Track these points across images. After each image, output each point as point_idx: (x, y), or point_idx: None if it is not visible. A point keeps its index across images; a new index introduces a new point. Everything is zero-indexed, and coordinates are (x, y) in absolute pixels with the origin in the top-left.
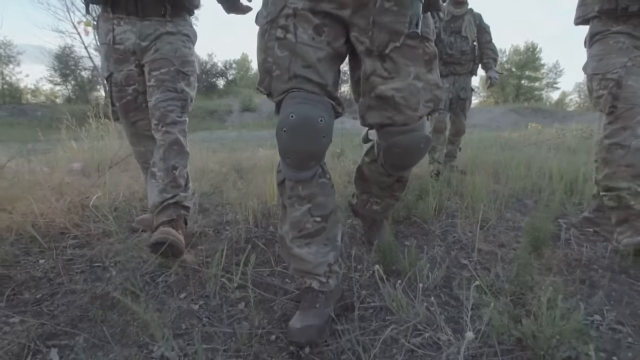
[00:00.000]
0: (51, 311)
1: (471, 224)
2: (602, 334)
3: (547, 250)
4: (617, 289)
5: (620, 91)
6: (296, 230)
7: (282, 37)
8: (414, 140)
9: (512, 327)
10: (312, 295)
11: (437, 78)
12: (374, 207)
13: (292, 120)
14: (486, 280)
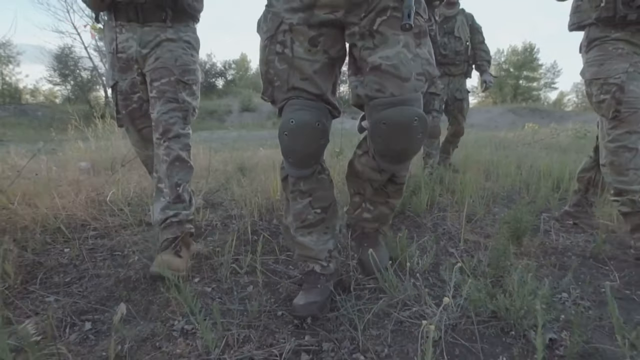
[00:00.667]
0: (81, 292)
1: (460, 218)
2: (566, 307)
3: (526, 239)
4: (585, 271)
5: (623, 95)
6: (299, 221)
7: (281, 51)
8: (405, 115)
9: (488, 301)
10: (314, 277)
11: (427, 54)
12: (364, 215)
13: (292, 125)
14: (469, 264)
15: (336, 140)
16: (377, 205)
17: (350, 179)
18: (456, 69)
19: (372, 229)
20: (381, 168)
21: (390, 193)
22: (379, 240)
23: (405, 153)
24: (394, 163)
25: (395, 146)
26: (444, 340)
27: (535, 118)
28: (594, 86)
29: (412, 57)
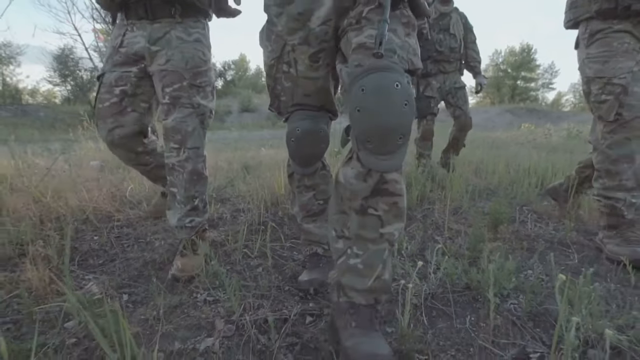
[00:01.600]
0: (114, 271)
1: (454, 214)
2: (528, 280)
3: (503, 227)
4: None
5: (627, 98)
6: (305, 211)
7: (287, 70)
8: (384, 78)
9: (463, 276)
10: (317, 258)
11: (415, 46)
12: (350, 262)
13: (297, 132)
14: (450, 248)
15: (335, 141)
16: (366, 245)
17: (331, 214)
18: (450, 66)
19: (365, 301)
20: (367, 167)
21: (384, 216)
22: (374, 324)
23: (390, 131)
24: (379, 152)
25: (378, 119)
26: (424, 305)
27: (533, 118)
28: (595, 85)
29: (399, 43)
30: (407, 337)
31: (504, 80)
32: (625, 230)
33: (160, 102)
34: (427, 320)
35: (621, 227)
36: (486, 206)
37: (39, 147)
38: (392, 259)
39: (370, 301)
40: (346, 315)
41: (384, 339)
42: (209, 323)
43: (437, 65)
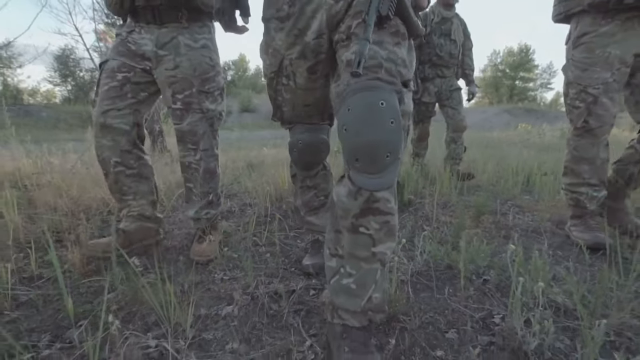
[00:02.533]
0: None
1: (442, 207)
2: (502, 260)
3: (485, 218)
4: (525, 240)
5: (596, 108)
6: (307, 207)
7: (287, 83)
8: (369, 96)
9: (445, 257)
10: (318, 244)
11: (405, 56)
12: (343, 282)
13: (300, 145)
14: (436, 235)
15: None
16: (359, 264)
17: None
18: (448, 71)
19: (358, 323)
20: (356, 186)
21: (375, 234)
22: (370, 345)
23: (376, 148)
24: (368, 171)
25: (363, 137)
26: (410, 281)
27: (530, 118)
28: (572, 89)
29: (386, 55)
30: (394, 302)
31: (502, 81)
32: (588, 219)
33: (171, 106)
34: (412, 291)
35: (584, 217)
36: (473, 200)
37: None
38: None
39: (364, 323)
40: (339, 339)
41: (377, 357)
42: (227, 295)
43: (435, 70)
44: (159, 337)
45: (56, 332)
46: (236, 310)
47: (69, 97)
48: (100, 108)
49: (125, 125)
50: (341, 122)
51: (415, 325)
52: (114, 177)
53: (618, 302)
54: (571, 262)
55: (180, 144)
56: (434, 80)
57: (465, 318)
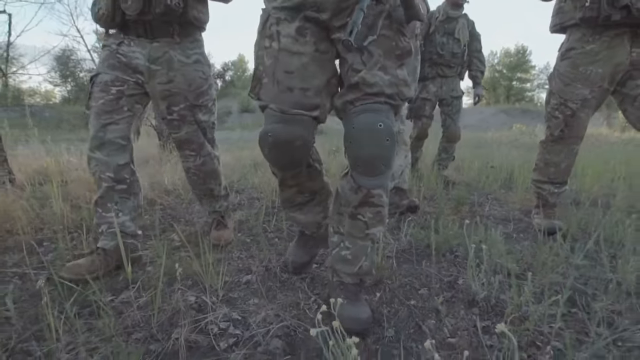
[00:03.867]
0: (174, 239)
1: (426, 198)
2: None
3: (464, 208)
4: (495, 225)
5: (572, 121)
6: (288, 203)
7: (269, 45)
8: (370, 120)
9: (425, 238)
10: (305, 238)
11: (406, 75)
12: (342, 253)
13: (270, 141)
14: (419, 222)
15: (333, 141)
16: (355, 241)
17: (332, 215)
18: (450, 70)
19: (351, 278)
20: (357, 184)
21: (369, 221)
22: (360, 297)
23: (374, 159)
24: (367, 174)
25: (364, 150)
26: (395, 256)
27: (526, 119)
28: (554, 99)
29: (389, 79)
30: (380, 270)
31: (499, 81)
32: (547, 209)
33: (166, 118)
34: (396, 263)
35: (545, 207)
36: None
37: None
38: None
39: (356, 281)
40: (337, 290)
41: (366, 306)
42: (246, 267)
43: (435, 69)
44: (197, 294)
45: (114, 292)
46: (254, 277)
47: (68, 98)
48: (98, 122)
49: (122, 140)
50: (347, 137)
51: (395, 285)
52: (102, 192)
53: (551, 265)
54: (528, 242)
55: (179, 150)
56: (434, 80)
57: (436, 281)
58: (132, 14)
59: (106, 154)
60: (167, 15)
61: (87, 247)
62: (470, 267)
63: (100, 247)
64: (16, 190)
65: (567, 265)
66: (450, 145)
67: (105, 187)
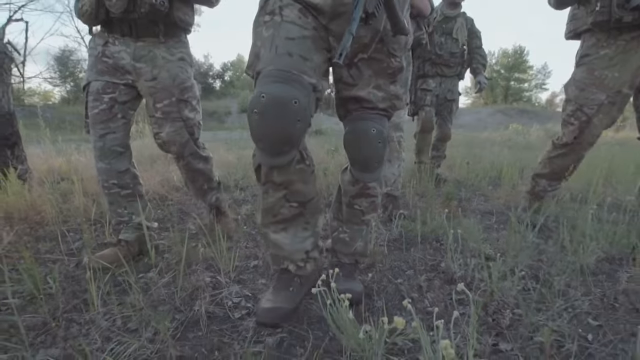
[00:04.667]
0: (183, 230)
1: (418, 194)
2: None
3: (452, 203)
4: (479, 219)
5: (587, 128)
6: (270, 215)
7: (269, 20)
8: (365, 127)
9: (414, 229)
10: (288, 277)
11: (398, 90)
12: (341, 236)
13: (262, 100)
14: (410, 215)
15: (332, 140)
16: (352, 226)
17: (333, 205)
18: (449, 70)
19: (348, 258)
20: (355, 178)
21: (365, 209)
22: (355, 275)
23: (369, 160)
24: (363, 170)
25: (360, 151)
26: (386, 244)
27: (523, 119)
28: (570, 106)
29: (383, 95)
30: (372, 255)
31: (497, 81)
32: (533, 200)
33: (152, 115)
34: (387, 250)
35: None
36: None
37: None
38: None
39: (352, 261)
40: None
41: (360, 283)
42: (253, 254)
43: (434, 68)
44: (212, 275)
45: (138, 274)
46: (261, 262)
47: (68, 98)
48: (96, 132)
49: (120, 147)
50: (346, 140)
51: (386, 267)
52: (110, 198)
53: (520, 249)
54: (506, 231)
55: (165, 152)
56: (434, 77)
57: (421, 264)
58: (116, 12)
59: (107, 162)
60: (152, 14)
61: (109, 236)
62: (449, 251)
63: (122, 239)
64: (36, 187)
65: (535, 250)
66: (441, 144)
67: (111, 194)
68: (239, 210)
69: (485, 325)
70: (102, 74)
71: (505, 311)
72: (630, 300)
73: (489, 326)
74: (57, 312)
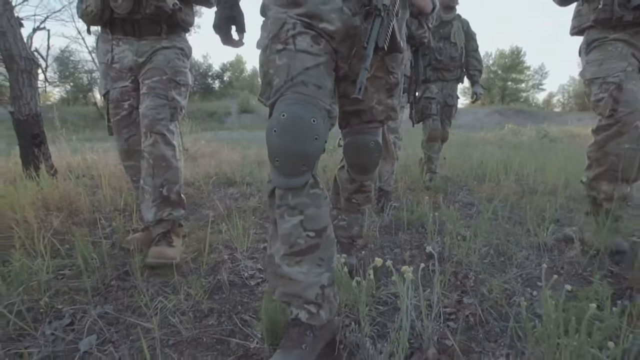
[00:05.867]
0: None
1: (409, 189)
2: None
3: (439, 195)
4: (462, 210)
5: (621, 94)
6: (287, 246)
7: (282, 48)
8: (365, 140)
9: (403, 217)
10: (299, 330)
11: (395, 103)
12: (340, 223)
13: (283, 119)
14: (402, 206)
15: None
16: (349, 214)
17: (331, 197)
18: (450, 74)
19: (346, 239)
20: (352, 178)
21: (360, 201)
22: (352, 252)
23: (366, 165)
24: (360, 173)
25: (359, 160)
26: (379, 230)
27: (520, 119)
28: (594, 85)
29: (382, 109)
30: (366, 237)
31: (494, 82)
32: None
33: (140, 93)
34: (378, 234)
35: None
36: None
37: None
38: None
39: (349, 240)
40: None
41: (354, 257)
42: (262, 239)
43: (436, 73)
44: (229, 253)
45: None
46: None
47: (67, 99)
48: (121, 136)
49: None
50: (347, 148)
51: (377, 247)
52: (140, 193)
53: (490, 231)
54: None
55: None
56: (435, 82)
57: (406, 244)
58: (122, 13)
59: (134, 161)
60: (156, 15)
61: (136, 223)
62: (429, 232)
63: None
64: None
65: (504, 232)
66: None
67: (137, 188)
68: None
69: (454, 286)
70: (115, 80)
71: (470, 276)
72: (575, 268)
73: (456, 287)
74: (105, 280)
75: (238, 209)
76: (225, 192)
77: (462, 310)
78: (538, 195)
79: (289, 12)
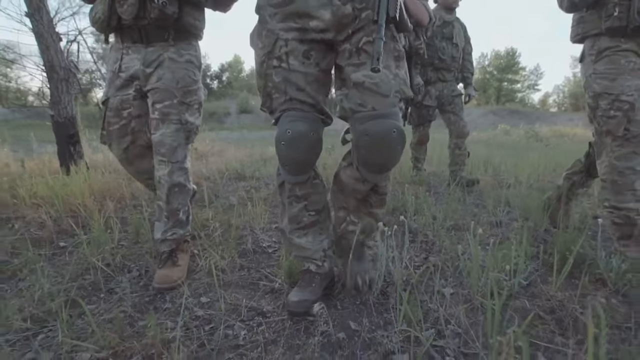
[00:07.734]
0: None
1: (398, 183)
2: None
3: (423, 188)
4: (454, 206)
5: (634, 114)
6: (295, 223)
7: (278, 65)
8: (384, 127)
9: (390, 204)
10: (310, 276)
11: (405, 76)
12: (349, 228)
13: (288, 135)
14: (400, 204)
15: (328, 140)
16: (361, 217)
17: (334, 194)
18: (449, 74)
19: (358, 241)
20: (364, 178)
21: (373, 203)
22: (365, 254)
23: (386, 163)
24: (376, 173)
25: (377, 156)
26: None
27: (514, 119)
28: (603, 100)
29: (393, 77)
30: None
31: (489, 82)
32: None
33: (150, 116)
34: None
35: (635, 235)
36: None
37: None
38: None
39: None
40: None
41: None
42: (273, 221)
43: (436, 73)
44: (249, 231)
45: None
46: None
47: None
48: (119, 146)
49: (141, 152)
50: (360, 143)
51: None
52: (150, 188)
53: (461, 214)
54: (460, 206)
55: (154, 156)
56: (435, 84)
57: (389, 225)
58: (127, 19)
59: (135, 166)
60: (161, 20)
61: None
62: (409, 213)
63: None
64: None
65: (471, 213)
66: (461, 141)
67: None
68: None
69: (423, 250)
70: (118, 89)
71: (437, 244)
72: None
73: (425, 250)
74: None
75: (250, 199)
76: (237, 185)
77: (427, 263)
78: (506, 186)
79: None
